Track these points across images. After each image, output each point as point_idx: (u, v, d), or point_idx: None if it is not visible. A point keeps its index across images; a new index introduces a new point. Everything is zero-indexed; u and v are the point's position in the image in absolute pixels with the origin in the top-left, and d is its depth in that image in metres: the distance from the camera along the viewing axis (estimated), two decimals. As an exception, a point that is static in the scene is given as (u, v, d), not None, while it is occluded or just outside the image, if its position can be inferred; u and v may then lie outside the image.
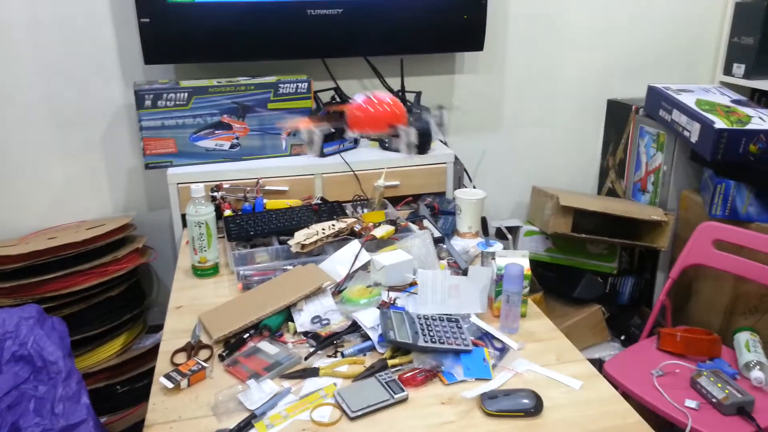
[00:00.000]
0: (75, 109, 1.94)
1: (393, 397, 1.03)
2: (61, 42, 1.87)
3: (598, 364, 1.92)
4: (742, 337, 1.64)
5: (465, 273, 1.36)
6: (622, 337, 2.10)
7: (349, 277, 1.36)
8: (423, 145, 1.90)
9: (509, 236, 1.42)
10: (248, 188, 1.76)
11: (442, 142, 2.08)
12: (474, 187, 1.90)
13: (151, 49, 1.81)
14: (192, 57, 1.89)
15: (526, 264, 1.25)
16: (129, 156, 2.02)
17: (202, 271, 1.45)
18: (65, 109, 1.93)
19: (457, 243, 1.55)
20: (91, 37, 1.89)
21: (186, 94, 1.78)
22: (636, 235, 2.01)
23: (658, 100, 2.01)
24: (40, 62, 1.87)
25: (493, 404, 1.02)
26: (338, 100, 2.03)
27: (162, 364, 1.13)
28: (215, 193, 1.71)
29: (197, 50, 1.86)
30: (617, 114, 2.31)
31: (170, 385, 1.06)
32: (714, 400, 1.44)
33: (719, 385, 1.45)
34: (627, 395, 1.45)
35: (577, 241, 2.01)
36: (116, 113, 1.98)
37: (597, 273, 2.11)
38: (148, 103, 1.75)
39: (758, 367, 1.52)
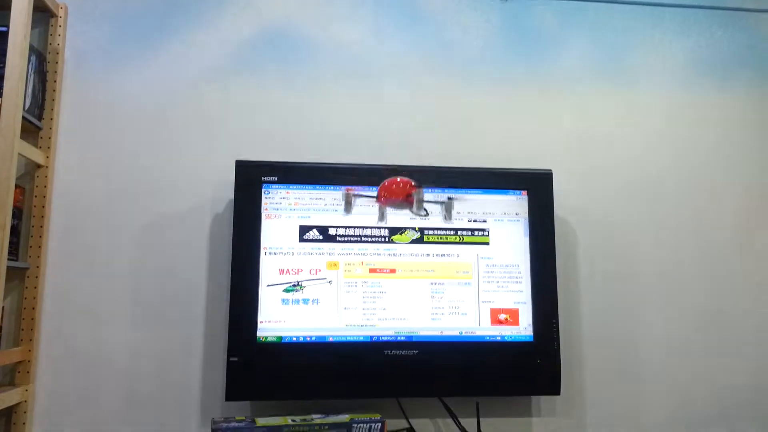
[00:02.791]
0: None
1: None
2: (153, 376, 1.96)
3: None
4: None
5: None
6: None
7: None
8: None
9: None
10: None
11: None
12: None
13: (234, 387, 1.85)
14: (272, 395, 1.91)
15: None
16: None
17: None
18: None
19: None
20: (180, 371, 1.97)
21: (260, 436, 1.74)
22: None
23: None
24: (133, 394, 1.94)
25: None
26: (410, 443, 1.94)
27: None
28: None
29: (278, 388, 1.89)
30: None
31: None
32: None
33: None
34: None
35: None
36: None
37: None
38: (223, 445, 1.71)
39: None
